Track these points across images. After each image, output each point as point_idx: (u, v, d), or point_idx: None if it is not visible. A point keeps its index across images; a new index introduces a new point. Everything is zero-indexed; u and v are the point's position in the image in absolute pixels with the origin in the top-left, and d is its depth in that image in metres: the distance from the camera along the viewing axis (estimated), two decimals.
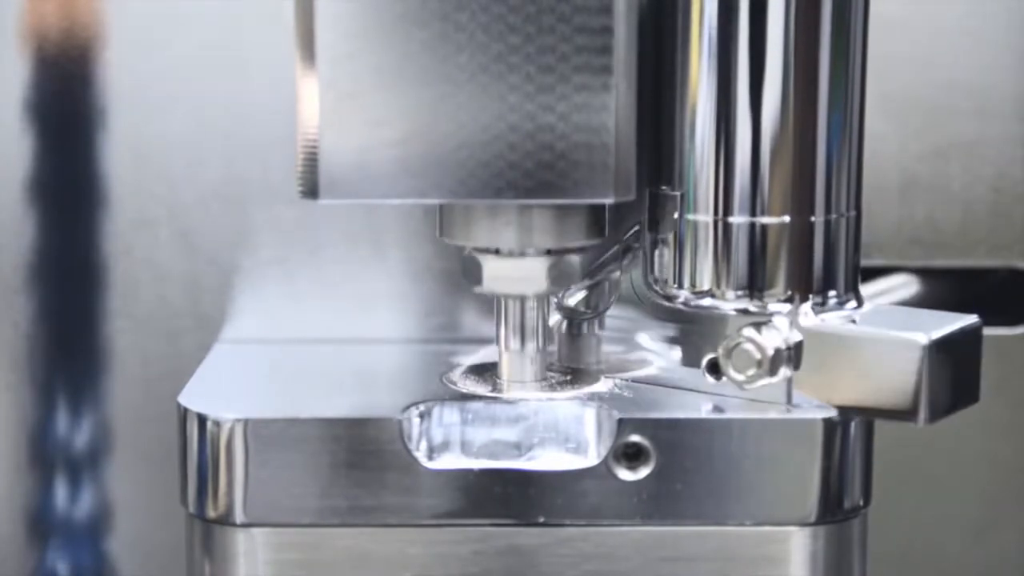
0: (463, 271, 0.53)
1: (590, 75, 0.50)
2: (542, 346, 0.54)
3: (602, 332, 0.57)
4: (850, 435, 0.51)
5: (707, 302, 0.53)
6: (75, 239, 0.61)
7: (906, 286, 0.62)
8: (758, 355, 0.50)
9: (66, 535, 0.63)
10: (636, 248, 0.55)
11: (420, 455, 0.51)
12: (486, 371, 0.55)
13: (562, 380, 0.54)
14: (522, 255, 0.53)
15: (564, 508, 0.51)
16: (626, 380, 0.54)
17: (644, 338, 0.55)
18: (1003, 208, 0.62)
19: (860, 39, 0.52)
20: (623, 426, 0.51)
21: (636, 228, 0.55)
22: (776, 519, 0.51)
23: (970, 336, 0.52)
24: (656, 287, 0.54)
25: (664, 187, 0.53)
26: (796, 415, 0.51)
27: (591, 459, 0.51)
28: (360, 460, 0.51)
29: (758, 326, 0.51)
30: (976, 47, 0.61)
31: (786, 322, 0.51)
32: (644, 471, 0.51)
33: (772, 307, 0.52)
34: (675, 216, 0.53)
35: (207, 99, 0.60)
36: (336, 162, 0.51)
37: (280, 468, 0.51)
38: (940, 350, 0.50)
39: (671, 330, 0.54)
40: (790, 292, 0.52)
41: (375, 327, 0.61)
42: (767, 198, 0.52)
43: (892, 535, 0.61)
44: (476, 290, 0.53)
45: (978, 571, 0.63)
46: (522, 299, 0.53)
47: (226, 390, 0.55)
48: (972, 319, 0.52)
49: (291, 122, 0.52)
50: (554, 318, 0.57)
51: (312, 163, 0.51)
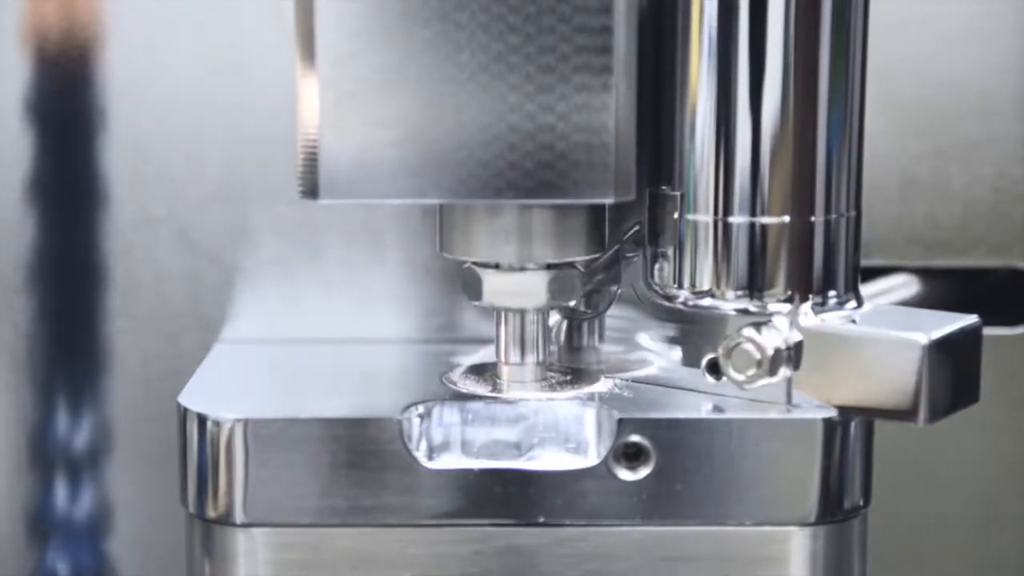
0: (463, 285, 0.54)
1: (590, 75, 0.50)
2: (542, 359, 0.54)
3: (602, 332, 0.57)
4: (850, 435, 0.51)
5: (707, 302, 0.53)
6: (75, 239, 0.61)
7: (906, 286, 0.62)
8: (758, 355, 0.50)
9: (66, 535, 0.63)
10: (636, 248, 0.55)
11: (420, 455, 0.51)
12: (486, 371, 0.55)
13: (562, 380, 0.54)
14: (522, 270, 0.53)
15: (564, 508, 0.51)
16: (626, 380, 0.54)
17: (644, 338, 0.55)
18: (1003, 208, 0.62)
19: (860, 39, 0.52)
20: (623, 426, 0.51)
21: (636, 228, 0.55)
22: (776, 519, 0.51)
23: (970, 336, 0.52)
24: (656, 287, 0.54)
25: (664, 187, 0.53)
26: (796, 415, 0.51)
27: (591, 459, 0.51)
28: (360, 460, 0.51)
29: (758, 326, 0.51)
30: (976, 47, 0.61)
31: (786, 322, 0.51)
32: (644, 471, 0.51)
33: (772, 307, 0.52)
34: (675, 216, 0.53)
35: (207, 99, 0.60)
36: (336, 162, 0.51)
37: (280, 468, 0.51)
38: (940, 350, 0.50)
39: (671, 330, 0.54)
40: (790, 292, 0.52)
41: (375, 327, 0.61)
42: (767, 198, 0.52)
43: (892, 535, 0.61)
44: (476, 304, 0.53)
45: (978, 571, 0.63)
46: (522, 312, 0.53)
47: (226, 390, 0.55)
48: (972, 319, 0.52)
49: (291, 122, 0.52)
50: (554, 318, 0.57)
51: (312, 163, 0.51)
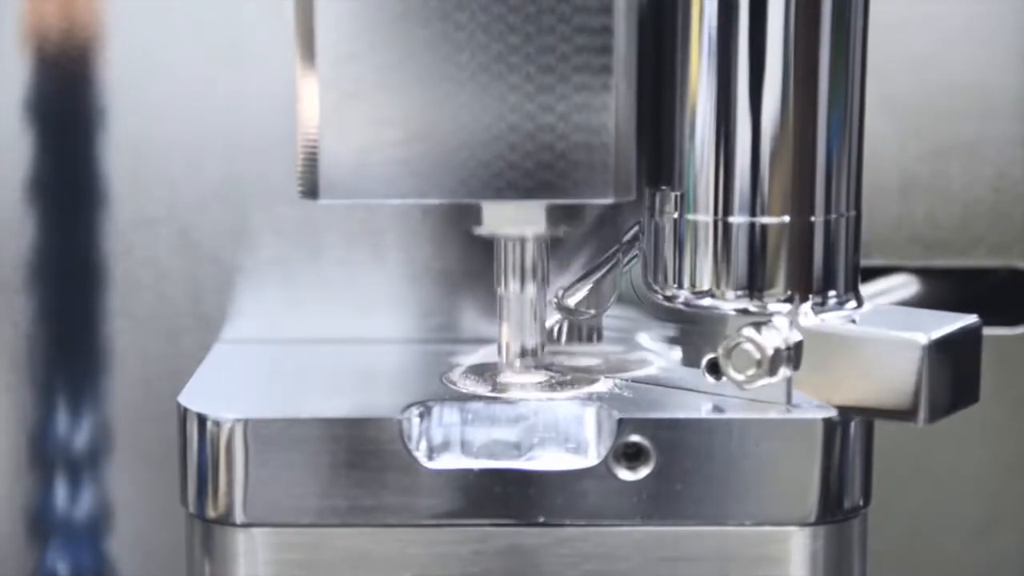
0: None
1: (590, 75, 0.50)
2: (540, 291, 0.53)
3: (602, 332, 0.57)
4: (850, 435, 0.51)
5: (707, 302, 0.53)
6: (75, 239, 0.61)
7: (906, 286, 0.62)
8: (758, 355, 0.50)
9: (66, 535, 0.63)
10: (636, 248, 0.55)
11: (420, 455, 0.51)
12: (486, 371, 0.55)
13: (562, 380, 0.54)
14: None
15: (564, 508, 0.51)
16: (626, 380, 0.54)
17: (644, 338, 0.55)
18: (1003, 208, 0.62)
19: (860, 39, 0.52)
20: (623, 426, 0.51)
21: (636, 228, 0.55)
22: (776, 519, 0.51)
23: (970, 336, 0.52)
24: (656, 287, 0.54)
25: (664, 187, 0.53)
26: (796, 415, 0.51)
27: (591, 459, 0.51)
28: (360, 460, 0.51)
29: (758, 326, 0.51)
30: (976, 48, 0.61)
31: (786, 322, 0.51)
32: (644, 471, 0.51)
33: (772, 307, 0.52)
34: (675, 216, 0.53)
35: (207, 99, 0.60)
36: (336, 162, 0.51)
37: (280, 468, 0.51)
38: (940, 350, 0.50)
39: (671, 330, 0.54)
40: (790, 292, 0.52)
41: (375, 327, 0.61)
42: (767, 198, 0.52)
43: (892, 535, 0.61)
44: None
45: (978, 571, 0.63)
46: (522, 242, 0.53)
47: (226, 390, 0.55)
48: (972, 319, 0.52)
49: (291, 122, 0.52)
50: (554, 318, 0.57)
51: (312, 163, 0.51)
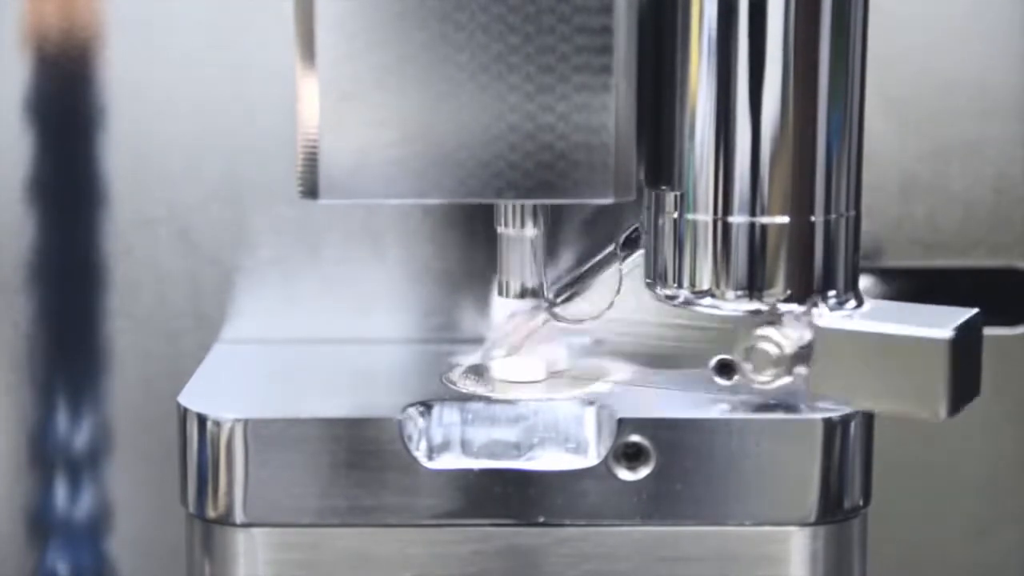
0: None
1: (590, 75, 0.50)
2: (541, 231, 0.54)
3: (601, 331, 0.57)
4: (850, 435, 0.51)
5: (706, 302, 0.53)
6: (75, 239, 0.61)
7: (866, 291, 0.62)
8: (777, 355, 0.51)
9: (66, 535, 0.63)
10: (635, 248, 0.55)
11: (420, 455, 0.51)
12: (486, 371, 0.55)
13: (562, 380, 0.54)
14: None
15: (564, 508, 0.51)
16: (626, 381, 0.54)
17: (644, 338, 0.55)
18: (1003, 208, 0.62)
19: (860, 39, 0.52)
20: (623, 426, 0.51)
21: (635, 228, 0.55)
22: (776, 519, 0.51)
23: (974, 329, 0.52)
24: (656, 287, 0.54)
25: (664, 187, 0.53)
26: (796, 415, 0.51)
27: (591, 459, 0.51)
28: (360, 460, 0.51)
29: (774, 325, 0.51)
30: (977, 47, 0.61)
31: (801, 321, 0.51)
32: (644, 471, 0.51)
33: (784, 307, 0.52)
34: (675, 216, 0.53)
35: (207, 99, 0.60)
36: (336, 162, 0.51)
37: (280, 468, 0.51)
38: (956, 344, 0.50)
39: (673, 330, 0.54)
40: (796, 291, 0.52)
41: (374, 327, 0.61)
42: (767, 198, 0.52)
43: (892, 535, 0.61)
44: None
45: (978, 571, 0.63)
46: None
47: (226, 390, 0.55)
48: (974, 312, 0.52)
49: (291, 122, 0.52)
50: (548, 317, 0.57)
51: (312, 163, 0.51)
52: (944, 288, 0.62)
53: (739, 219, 0.52)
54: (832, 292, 0.52)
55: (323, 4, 0.50)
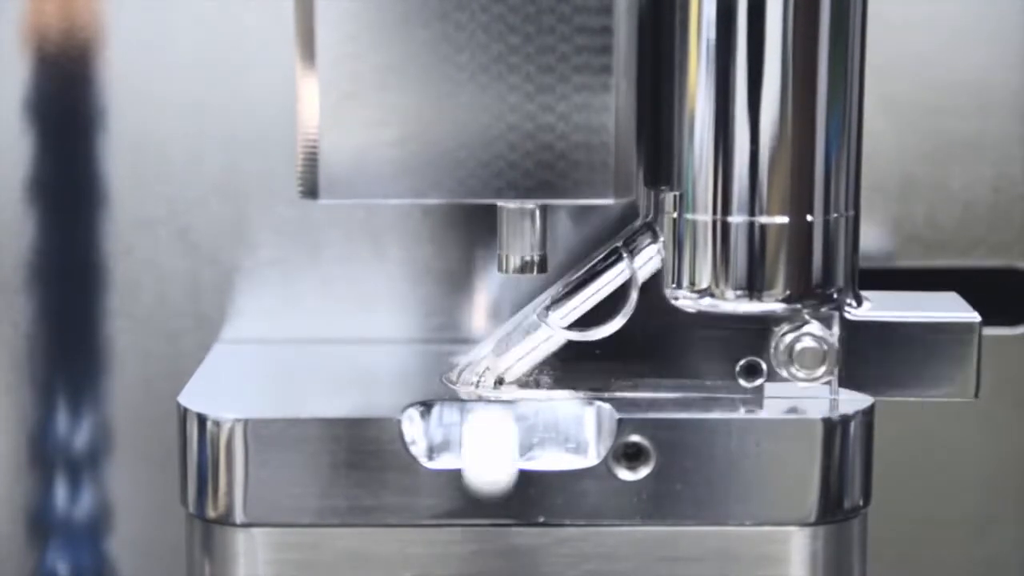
0: None
1: (590, 75, 0.50)
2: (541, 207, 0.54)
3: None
4: (850, 435, 0.51)
5: (706, 302, 0.53)
6: (75, 239, 0.61)
7: None
8: (824, 350, 0.51)
9: (66, 535, 0.62)
10: (635, 247, 0.55)
11: (420, 455, 0.51)
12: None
13: (562, 380, 0.54)
14: None
15: (564, 508, 0.51)
16: (626, 381, 0.54)
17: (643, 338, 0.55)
18: (1003, 208, 0.62)
19: (859, 39, 0.52)
20: (623, 426, 0.51)
21: (635, 227, 0.55)
22: (776, 519, 0.51)
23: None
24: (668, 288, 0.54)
25: (663, 187, 0.53)
26: (796, 415, 0.51)
27: (591, 459, 0.51)
28: (360, 460, 0.51)
29: (809, 324, 0.51)
30: (976, 47, 0.61)
31: (833, 316, 0.51)
32: (644, 471, 0.51)
33: (808, 304, 0.52)
34: (674, 215, 0.53)
35: (207, 99, 0.60)
36: (336, 162, 0.51)
37: (280, 468, 0.51)
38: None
39: (676, 330, 0.54)
40: (795, 291, 0.52)
41: (375, 327, 0.61)
42: (766, 198, 0.52)
43: (892, 535, 0.61)
44: None
45: (978, 571, 0.63)
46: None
47: (226, 390, 0.55)
48: (953, 295, 0.54)
49: (291, 122, 0.52)
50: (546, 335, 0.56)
51: (312, 163, 0.51)
52: (944, 288, 0.62)
53: (739, 219, 0.52)
54: (832, 292, 0.52)
55: (323, 4, 0.50)
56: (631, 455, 0.51)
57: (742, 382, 0.53)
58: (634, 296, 0.54)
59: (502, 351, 0.54)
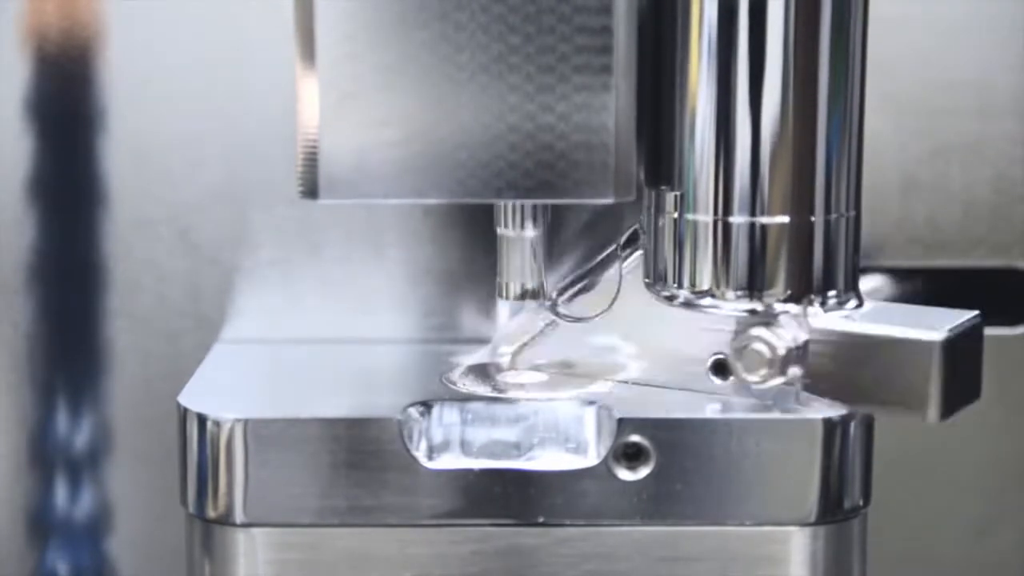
0: None
1: (590, 75, 0.50)
2: (541, 231, 0.54)
3: (601, 332, 0.57)
4: (850, 435, 0.51)
5: (707, 302, 0.53)
6: (75, 239, 0.61)
7: (879, 290, 0.62)
8: (769, 355, 0.50)
9: (66, 535, 0.62)
10: (635, 247, 0.55)
11: (420, 455, 0.51)
12: (486, 371, 0.55)
13: (561, 380, 0.54)
14: None
15: (564, 508, 0.51)
16: (626, 380, 0.54)
17: (644, 338, 0.55)
18: (1003, 208, 0.62)
19: (860, 39, 0.52)
20: (623, 426, 0.51)
21: (635, 228, 0.55)
22: (776, 519, 0.51)
23: (973, 332, 0.52)
24: (656, 287, 0.54)
25: (664, 187, 0.53)
26: (796, 415, 0.51)
27: (591, 459, 0.51)
28: (360, 460, 0.51)
29: (767, 326, 0.51)
30: (976, 47, 0.61)
31: (795, 322, 0.51)
32: (644, 471, 0.51)
33: (779, 307, 0.52)
34: (675, 216, 0.53)
35: (207, 99, 0.60)
36: (336, 162, 0.51)
37: (280, 468, 0.51)
38: (950, 347, 0.50)
39: (672, 329, 0.54)
40: (796, 291, 0.52)
41: (375, 327, 0.61)
42: (767, 198, 0.52)
43: (892, 535, 0.61)
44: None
45: (978, 571, 0.63)
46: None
47: (226, 390, 0.55)
48: (973, 315, 0.52)
49: (291, 122, 0.52)
50: (552, 319, 0.57)
51: (312, 163, 0.51)
52: (944, 288, 0.62)
53: (739, 219, 0.52)
54: (832, 292, 0.52)
55: (323, 4, 0.50)
56: (631, 455, 0.51)
57: (712, 379, 0.53)
58: (618, 289, 0.55)
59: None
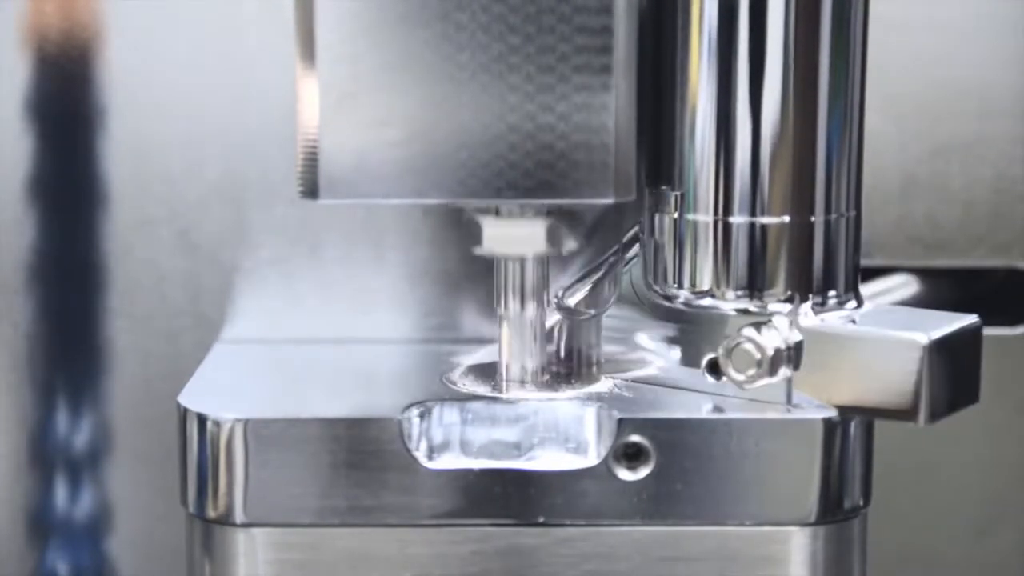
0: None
1: (590, 75, 0.50)
2: (541, 313, 0.54)
3: (602, 332, 0.57)
4: (850, 435, 0.51)
5: (707, 302, 0.53)
6: (75, 239, 0.61)
7: (906, 286, 0.62)
8: (758, 355, 0.50)
9: (66, 535, 0.63)
10: (635, 248, 0.55)
11: (420, 455, 0.51)
12: (486, 371, 0.55)
13: (562, 380, 0.54)
14: (522, 215, 0.53)
15: (564, 508, 0.51)
16: (626, 380, 0.54)
17: (644, 338, 0.55)
18: (1003, 208, 0.62)
19: (860, 39, 0.52)
20: (623, 426, 0.51)
21: (636, 228, 0.55)
22: (776, 519, 0.51)
23: (970, 336, 0.52)
24: (656, 287, 0.54)
25: (664, 187, 0.53)
26: (796, 415, 0.51)
27: (591, 459, 0.51)
28: (360, 460, 0.51)
29: (758, 326, 0.51)
30: (976, 47, 0.61)
31: (786, 322, 0.51)
32: (644, 471, 0.51)
33: (772, 307, 0.52)
34: (675, 216, 0.53)
35: (207, 99, 0.60)
36: (336, 162, 0.51)
37: (280, 468, 0.51)
38: (940, 350, 0.50)
39: (671, 330, 0.54)
40: (790, 292, 0.52)
41: (375, 327, 0.61)
42: (767, 198, 0.52)
43: (892, 535, 0.61)
44: (476, 252, 0.53)
45: (978, 571, 0.63)
46: (522, 261, 0.53)
47: (226, 390, 0.55)
48: (972, 319, 0.52)
49: (291, 122, 0.52)
50: (554, 318, 0.57)
51: (312, 163, 0.51)
52: (944, 288, 0.62)
53: (739, 219, 0.52)
54: (832, 292, 0.52)
55: (323, 4, 0.50)
56: (631, 455, 0.51)
57: (707, 378, 0.53)
58: (616, 288, 0.55)
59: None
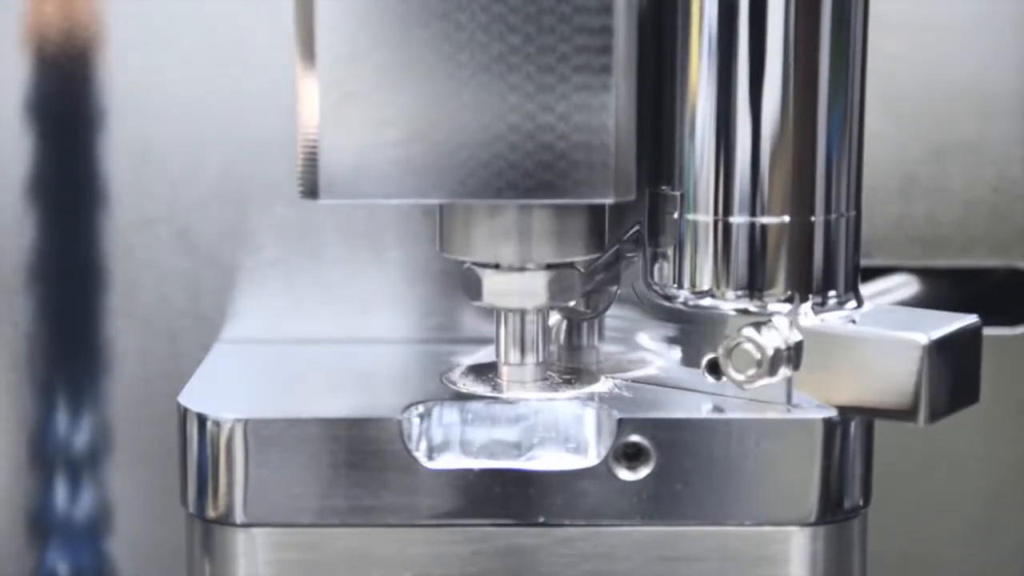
0: (463, 285, 0.53)
1: (590, 75, 0.50)
2: (542, 359, 0.54)
3: (602, 332, 0.57)
4: (850, 435, 0.51)
5: (707, 302, 0.53)
6: (75, 239, 0.61)
7: (906, 286, 0.62)
8: (758, 355, 0.50)
9: (66, 535, 0.63)
10: (636, 248, 0.55)
11: (420, 455, 0.51)
12: (486, 371, 0.55)
13: (562, 380, 0.54)
14: (522, 270, 0.53)
15: (564, 508, 0.51)
16: (626, 380, 0.54)
17: (644, 338, 0.55)
18: (1003, 208, 0.62)
19: (860, 39, 0.52)
20: (623, 426, 0.51)
21: (636, 228, 0.55)
22: (776, 519, 0.51)
23: (970, 336, 0.52)
24: (656, 287, 0.54)
25: (664, 187, 0.53)
26: (796, 415, 0.51)
27: (591, 459, 0.51)
28: (360, 460, 0.51)
29: (758, 326, 0.51)
30: (976, 47, 0.61)
31: (786, 322, 0.51)
32: (644, 471, 0.51)
33: (772, 307, 0.52)
34: (675, 216, 0.53)
35: (207, 99, 0.60)
36: (336, 162, 0.51)
37: (280, 468, 0.51)
38: (940, 350, 0.50)
39: (671, 330, 0.54)
40: (790, 292, 0.52)
41: (375, 327, 0.61)
42: (767, 198, 0.52)
43: (892, 535, 0.61)
44: (476, 304, 0.53)
45: (978, 571, 0.63)
46: (522, 313, 0.53)
47: (226, 390, 0.55)
48: (972, 319, 0.52)
49: (291, 122, 0.52)
50: (554, 318, 0.57)
51: (312, 163, 0.51)
52: (944, 288, 0.62)
53: (739, 219, 0.52)
54: (832, 292, 0.52)
55: (323, 4, 0.50)
56: (631, 455, 0.51)
57: (707, 378, 0.53)
58: (615, 289, 0.55)
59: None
